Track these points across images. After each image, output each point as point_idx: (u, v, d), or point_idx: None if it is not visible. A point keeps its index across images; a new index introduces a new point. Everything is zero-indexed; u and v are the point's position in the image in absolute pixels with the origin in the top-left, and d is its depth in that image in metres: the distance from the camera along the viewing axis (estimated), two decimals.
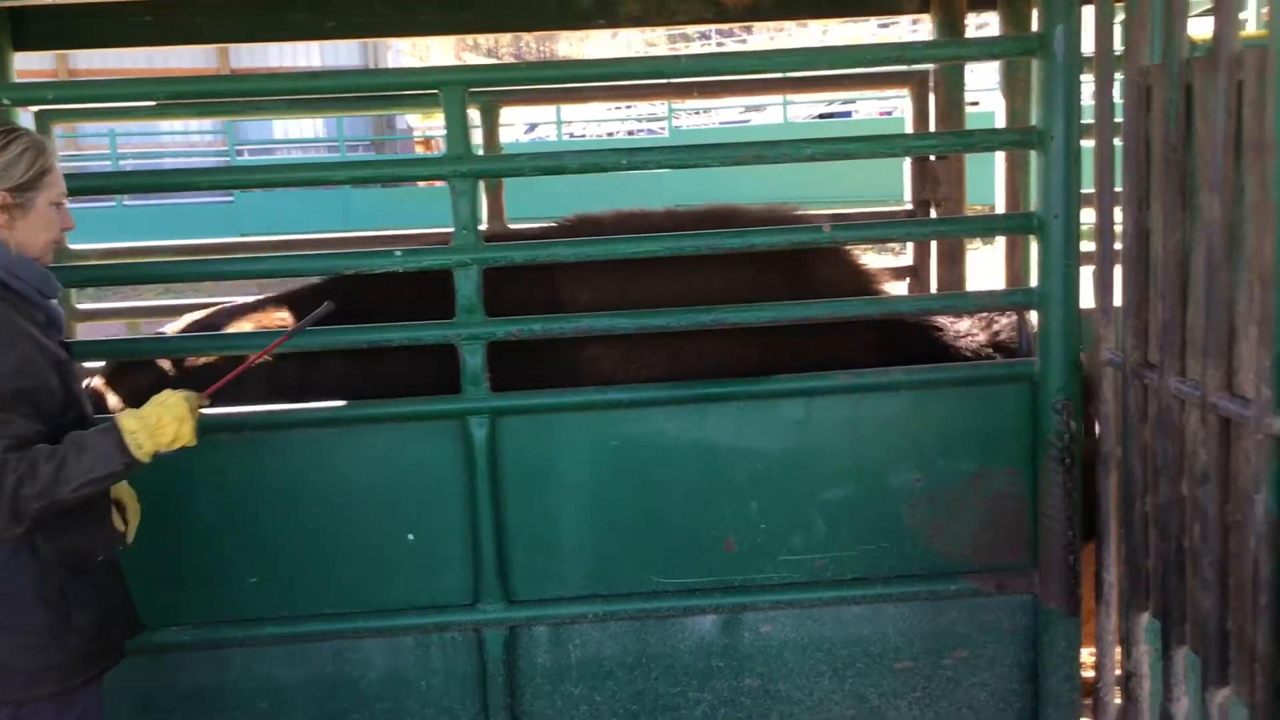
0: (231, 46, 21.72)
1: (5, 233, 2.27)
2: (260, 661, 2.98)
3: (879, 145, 2.83)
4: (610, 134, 20.92)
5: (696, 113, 21.88)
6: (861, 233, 2.89)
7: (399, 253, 2.84)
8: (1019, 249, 3.60)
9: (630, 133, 21.10)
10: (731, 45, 31.11)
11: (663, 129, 19.81)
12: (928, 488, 3.01)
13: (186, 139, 22.54)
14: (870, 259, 3.31)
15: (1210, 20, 2.31)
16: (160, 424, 2.22)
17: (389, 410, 2.91)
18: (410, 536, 2.93)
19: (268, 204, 16.87)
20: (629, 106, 21.37)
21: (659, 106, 19.65)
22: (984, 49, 3.01)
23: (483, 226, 3.13)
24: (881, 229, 2.89)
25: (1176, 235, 2.47)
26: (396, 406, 2.90)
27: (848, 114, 19.30)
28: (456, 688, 2.99)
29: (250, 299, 3.37)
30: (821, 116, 19.71)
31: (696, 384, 2.93)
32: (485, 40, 35.79)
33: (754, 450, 2.96)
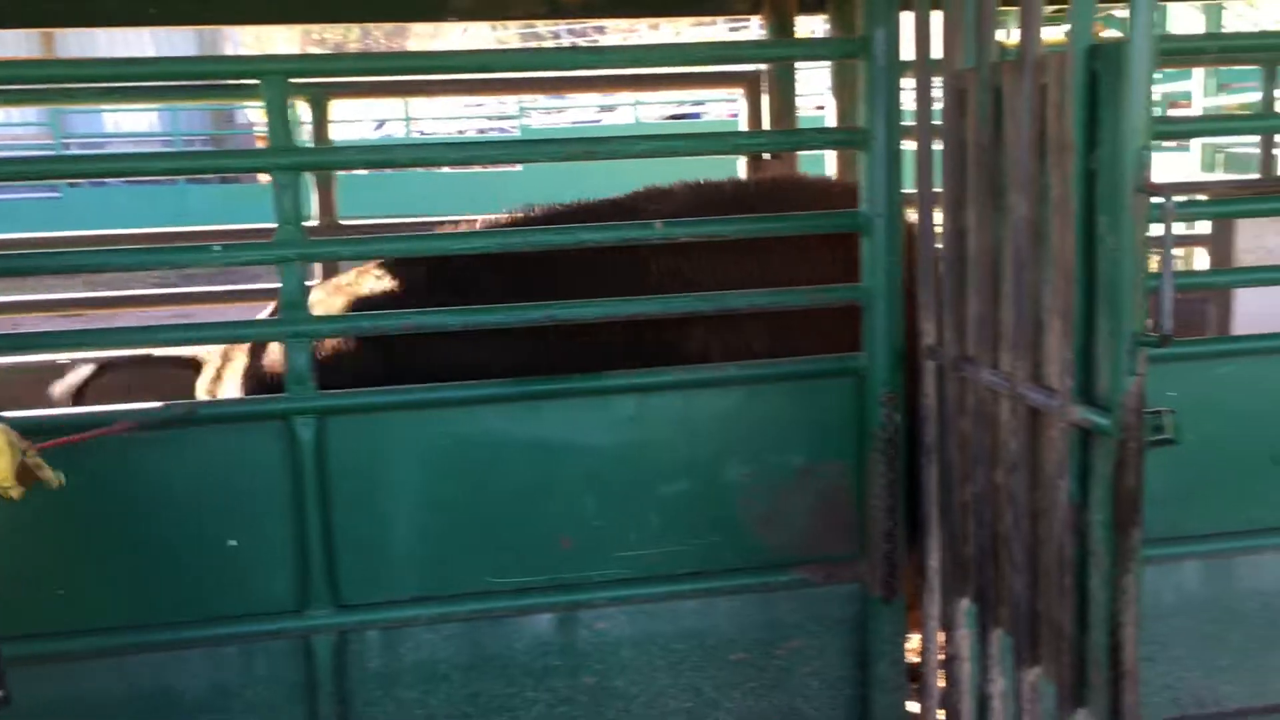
0: (59, 34, 20.68)
1: None
2: (74, 677, 2.83)
3: (708, 143, 2.86)
4: (460, 132, 20.68)
5: (549, 112, 21.82)
6: (692, 229, 2.92)
7: (218, 248, 2.74)
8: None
9: (481, 130, 20.90)
10: (584, 45, 31.08)
11: (514, 127, 19.69)
12: (759, 481, 3.05)
13: (10, 131, 21.36)
14: None
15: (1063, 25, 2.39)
16: None
17: (208, 411, 2.80)
18: (233, 542, 2.82)
19: (97, 200, 16.13)
20: (480, 104, 21.18)
21: (510, 104, 19.54)
22: (808, 50, 3.08)
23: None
24: (711, 226, 2.91)
25: (988, 233, 2.57)
26: (216, 407, 2.80)
27: (697, 115, 19.53)
28: (284, 697, 2.90)
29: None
30: (672, 117, 19.90)
31: (527, 381, 2.91)
32: (334, 35, 34.97)
33: (588, 447, 2.96)
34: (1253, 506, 3.20)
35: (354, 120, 20.67)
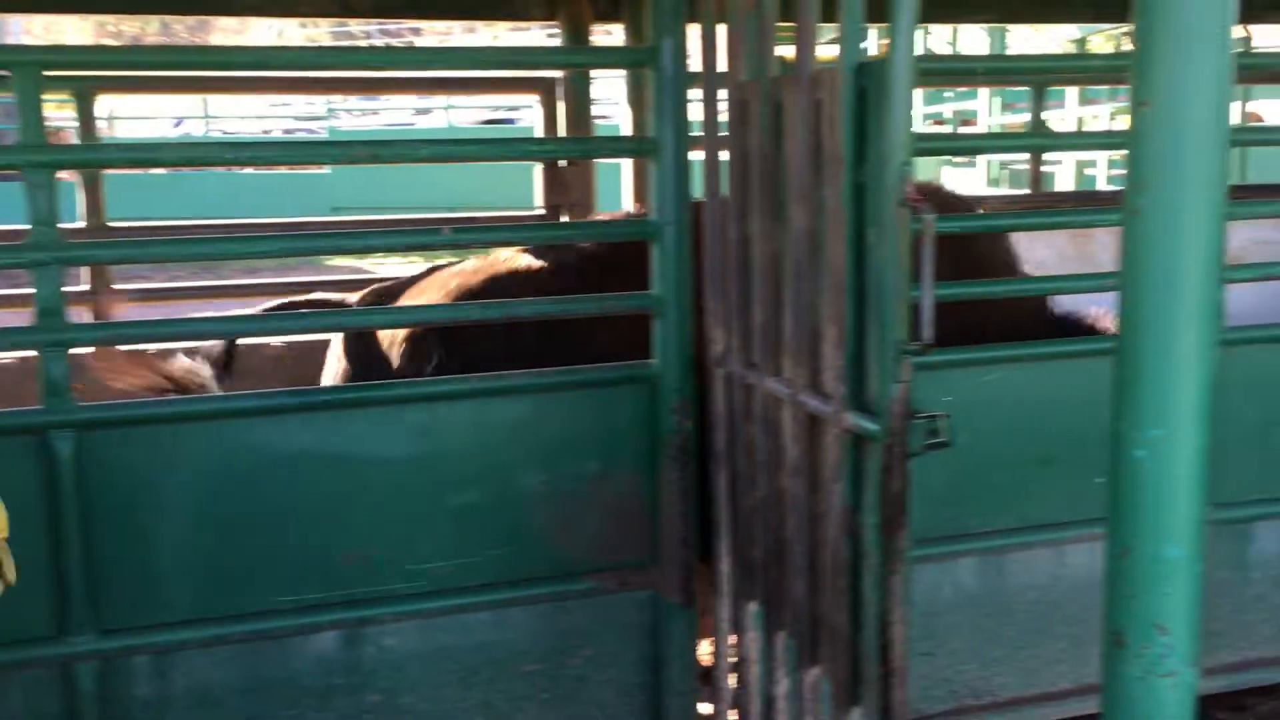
0: None
1: None
2: None
3: (497, 149, 2.83)
4: (266, 131, 20.00)
5: (362, 114, 21.33)
6: (482, 235, 2.88)
7: None
8: None
9: (287, 130, 20.25)
10: (396, 45, 30.53)
11: (322, 128, 19.17)
12: (553, 489, 3.03)
13: None
14: None
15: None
16: None
17: None
18: None
19: None
20: (287, 104, 20.53)
21: (319, 104, 19.00)
22: (596, 58, 3.09)
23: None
24: (502, 232, 2.88)
25: (771, 242, 2.62)
26: None
27: (512, 121, 19.44)
28: None
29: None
30: (488, 122, 19.75)
31: (312, 390, 2.82)
32: (132, 27, 33.28)
33: (378, 458, 2.87)
34: (1024, 504, 3.36)
35: (151, 117, 19.72)
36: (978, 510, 3.31)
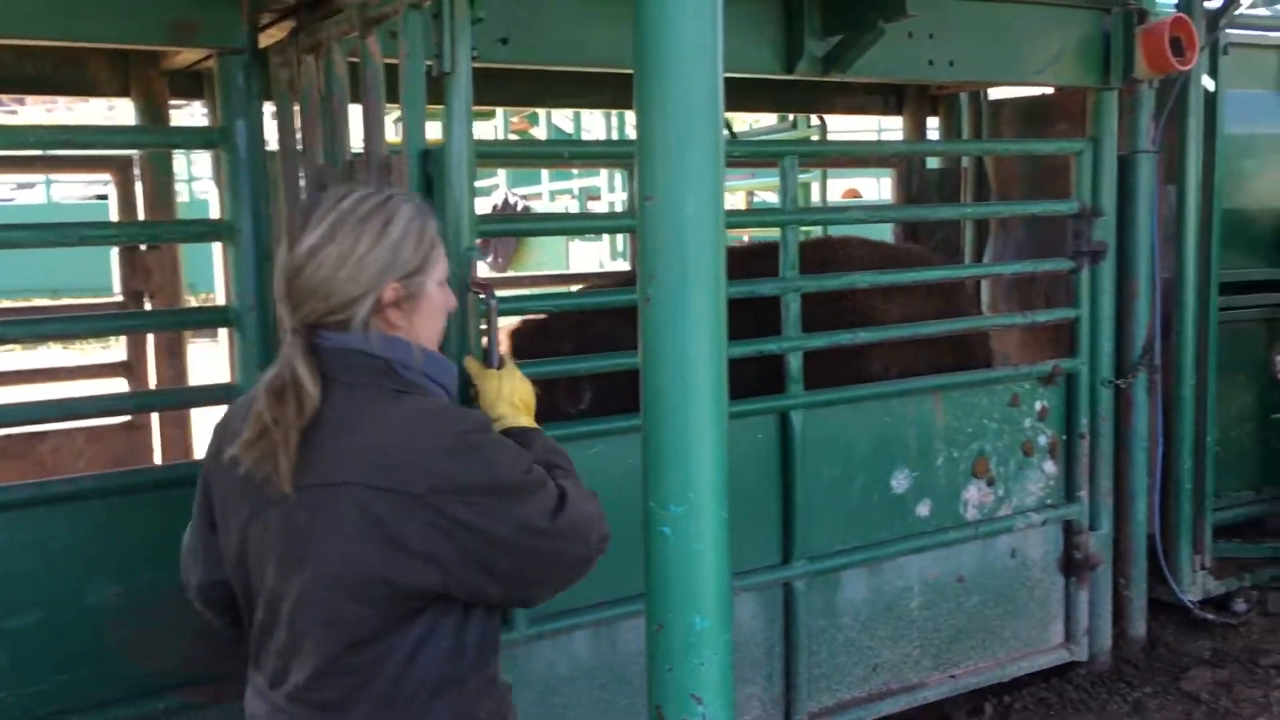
0: None
1: (404, 330, 1.67)
2: None
3: (49, 234, 2.59)
4: None
5: None
6: (33, 329, 2.62)
7: None
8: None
9: None
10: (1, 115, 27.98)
11: None
12: (133, 602, 2.78)
13: None
14: (82, 355, 3.03)
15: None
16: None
17: None
18: None
19: None
20: None
21: None
22: (166, 138, 2.92)
23: None
24: (53, 324, 2.64)
25: None
26: None
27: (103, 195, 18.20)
28: None
29: None
30: (99, 197, 18.39)
31: None
32: None
33: None
34: (632, 574, 3.43)
35: None
36: (588, 583, 3.35)
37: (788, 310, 3.58)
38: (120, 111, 3.63)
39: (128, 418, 3.68)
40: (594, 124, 11.93)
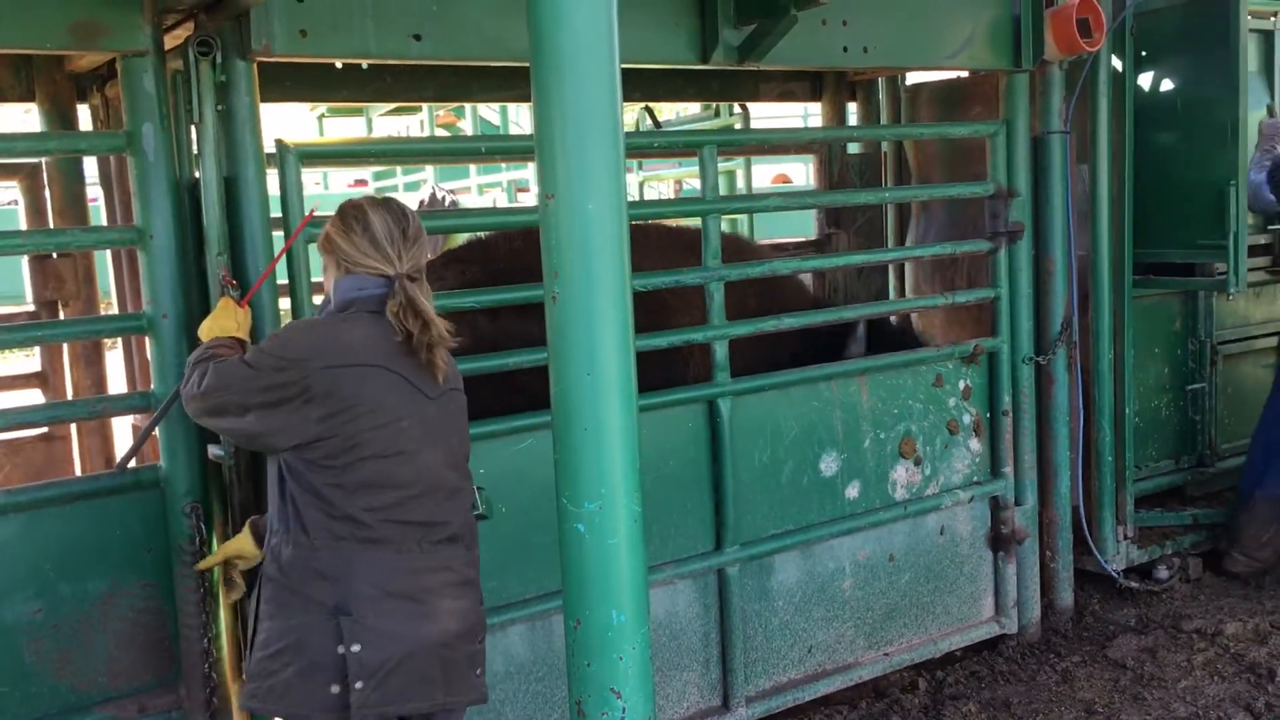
0: None
1: None
2: None
3: None
4: None
5: None
6: None
7: None
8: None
9: None
10: None
11: None
12: (51, 618, 2.73)
13: None
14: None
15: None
16: None
17: None
18: None
19: None
20: None
21: None
22: (71, 144, 2.86)
23: None
24: None
25: None
26: None
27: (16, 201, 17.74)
28: None
29: None
30: (13, 204, 17.93)
31: None
32: None
33: None
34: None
35: None
36: (522, 577, 3.35)
37: (711, 299, 3.60)
38: (34, 117, 3.55)
39: (44, 429, 3.61)
40: (522, 116, 11.87)
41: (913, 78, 5.16)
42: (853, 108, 5.32)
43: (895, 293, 5.34)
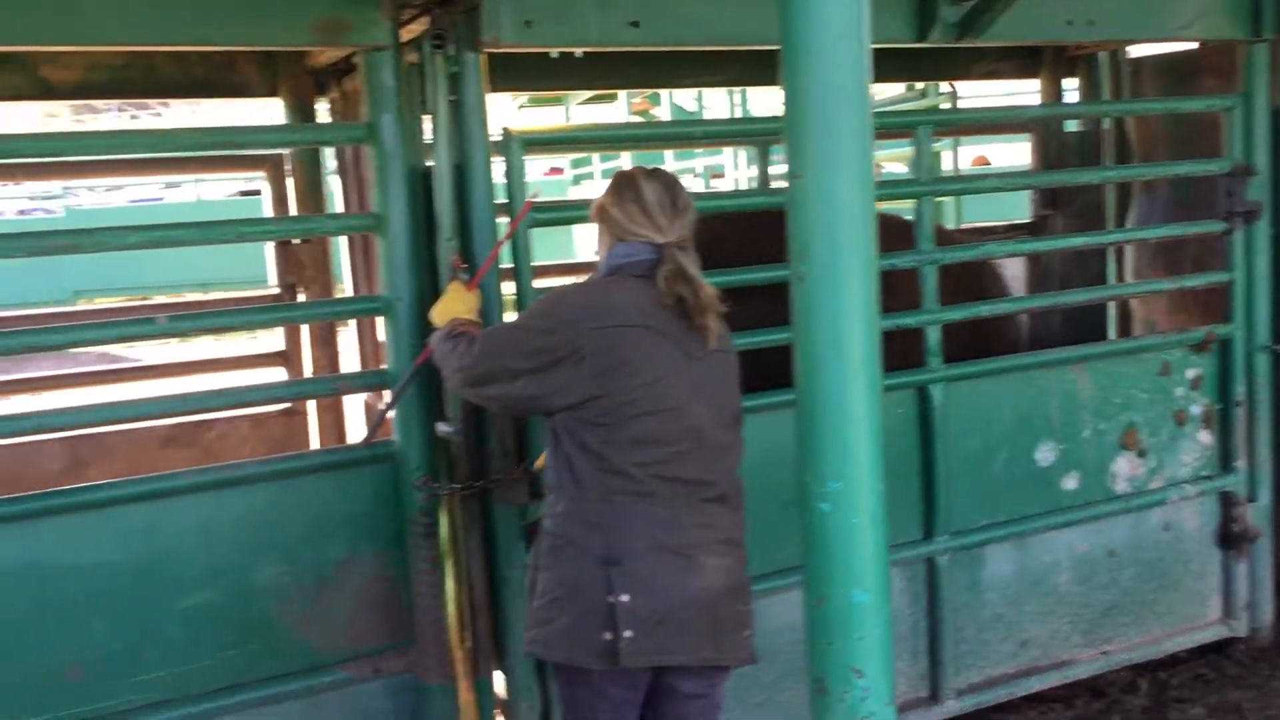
0: None
1: None
2: None
3: (211, 232, 2.73)
4: None
5: (105, 190, 20.24)
6: (200, 322, 2.76)
7: None
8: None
9: (22, 212, 19.00)
10: (146, 118, 29.32)
11: (59, 207, 18.08)
12: (297, 580, 2.91)
13: None
14: (238, 344, 3.19)
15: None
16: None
17: None
18: None
19: None
20: (18, 183, 19.26)
21: (53, 183, 17.93)
22: (315, 135, 3.03)
23: None
24: (222, 317, 2.77)
25: None
26: None
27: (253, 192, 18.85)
28: None
29: None
30: (243, 194, 19.07)
31: (20, 498, 2.62)
32: None
33: (93, 565, 2.69)
34: (775, 549, 3.45)
35: None
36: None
37: (924, 283, 3.53)
38: (267, 110, 3.77)
39: (287, 404, 3.85)
40: (715, 102, 11.88)
41: (1136, 50, 4.91)
42: (1071, 83, 5.10)
43: (1115, 277, 5.11)
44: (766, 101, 10.07)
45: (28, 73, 3.34)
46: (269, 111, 3.94)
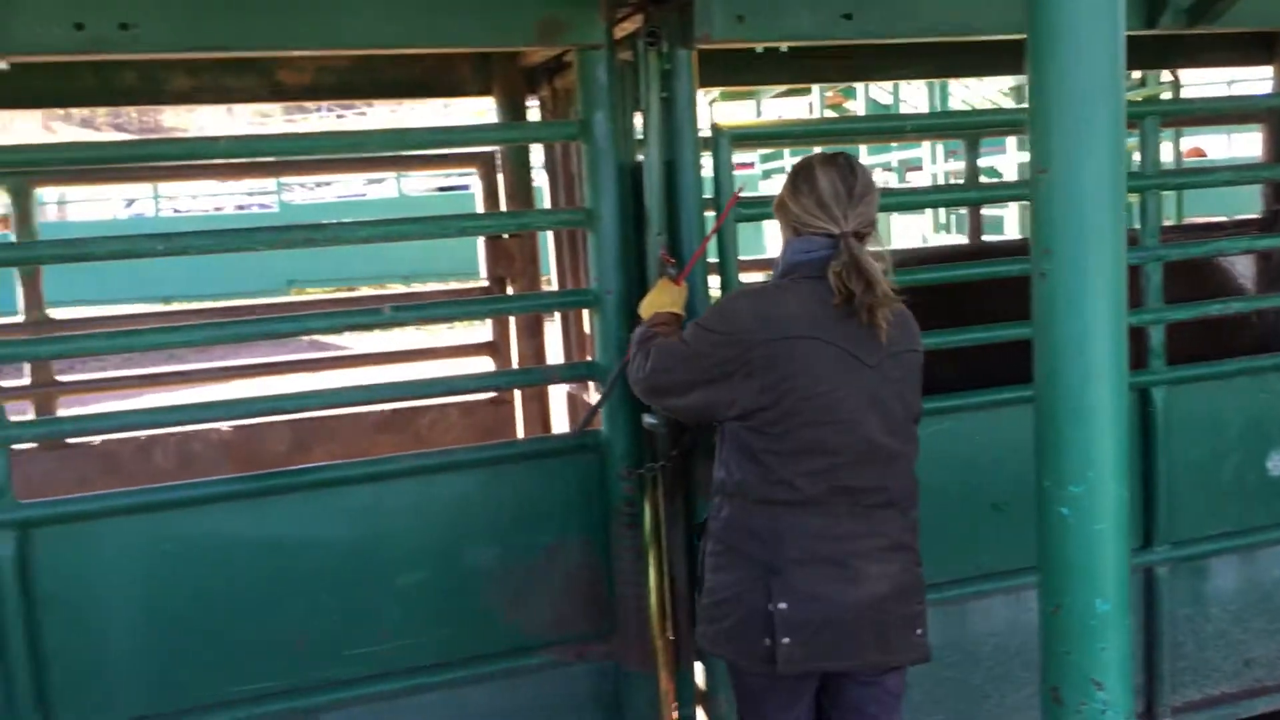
0: None
1: None
2: None
3: (433, 227, 2.84)
4: (218, 209, 19.97)
5: (315, 186, 21.35)
6: (422, 312, 2.88)
7: None
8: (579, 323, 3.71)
9: (240, 207, 20.24)
10: (352, 118, 30.78)
11: (273, 203, 19.17)
12: (504, 564, 3.00)
13: None
14: (450, 334, 3.31)
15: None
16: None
17: None
18: None
19: None
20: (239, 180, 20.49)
21: (268, 180, 19.03)
22: (530, 133, 3.11)
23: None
24: (442, 308, 2.88)
25: None
26: None
27: (465, 187, 19.52)
28: None
29: None
30: (441, 189, 19.79)
31: (256, 476, 2.79)
32: (81, 109, 33.20)
33: (321, 541, 2.84)
34: (980, 553, 3.36)
35: (103, 199, 19.65)
36: (935, 561, 3.30)
37: (1148, 280, 3.37)
38: (457, 110, 3.88)
39: (494, 393, 3.98)
40: (912, 95, 11.63)
41: None
42: None
43: None
44: (965, 94, 9.79)
45: (264, 76, 3.55)
46: (460, 111, 4.05)
